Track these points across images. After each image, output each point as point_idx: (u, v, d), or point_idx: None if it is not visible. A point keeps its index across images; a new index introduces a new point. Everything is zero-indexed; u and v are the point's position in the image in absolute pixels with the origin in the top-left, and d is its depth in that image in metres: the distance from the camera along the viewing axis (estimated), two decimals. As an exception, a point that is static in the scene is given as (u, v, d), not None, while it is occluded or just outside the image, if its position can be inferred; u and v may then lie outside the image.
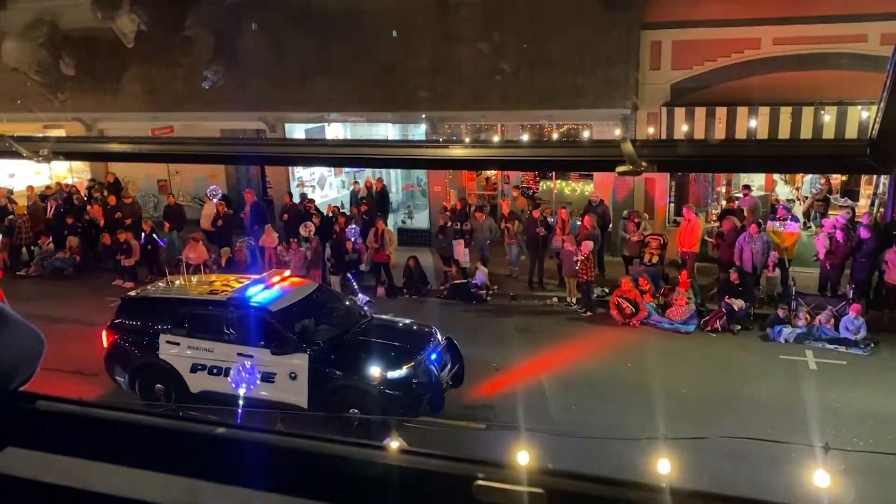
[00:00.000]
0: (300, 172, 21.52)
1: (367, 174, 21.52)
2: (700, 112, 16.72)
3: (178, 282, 13.23)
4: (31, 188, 21.85)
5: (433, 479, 0.96)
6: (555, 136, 19.36)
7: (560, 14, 17.04)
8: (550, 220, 17.55)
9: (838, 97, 15.66)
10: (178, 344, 11.61)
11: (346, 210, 20.09)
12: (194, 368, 11.45)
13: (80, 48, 19.39)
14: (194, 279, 13.37)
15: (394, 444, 1.00)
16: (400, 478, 0.97)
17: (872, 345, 13.51)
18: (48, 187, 22.44)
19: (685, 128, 16.78)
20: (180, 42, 18.44)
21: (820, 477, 6.55)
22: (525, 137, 18.75)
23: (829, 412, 11.11)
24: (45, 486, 0.99)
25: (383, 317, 12.76)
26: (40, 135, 18.12)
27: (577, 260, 15.50)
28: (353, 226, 17.32)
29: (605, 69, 17.02)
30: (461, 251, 17.54)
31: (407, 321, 12.60)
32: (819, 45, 15.80)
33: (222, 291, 12.08)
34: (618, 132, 17.84)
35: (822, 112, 15.63)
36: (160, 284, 13.46)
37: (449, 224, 17.63)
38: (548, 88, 17.27)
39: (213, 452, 1.03)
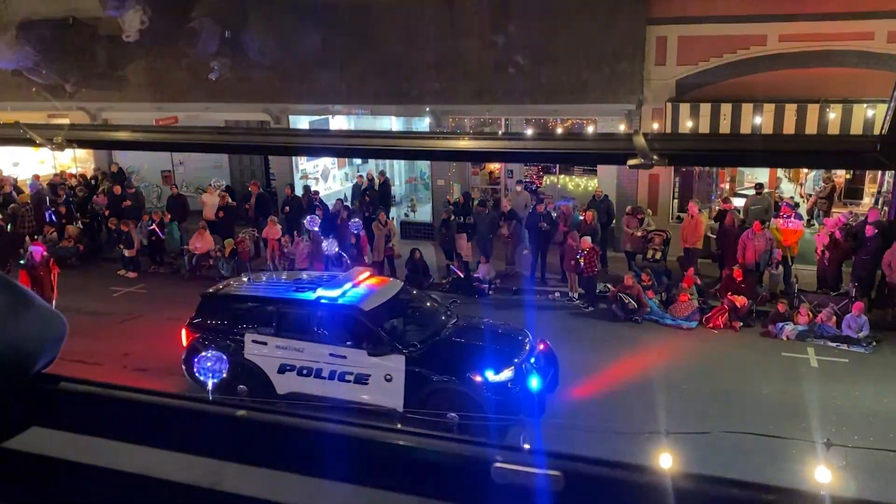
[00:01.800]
0: (304, 164, 21.54)
1: (371, 167, 21.53)
2: (705, 108, 16.71)
3: (255, 278, 12.85)
4: (36, 177, 21.88)
5: (453, 461, 0.98)
6: (559, 130, 19.34)
7: (566, 9, 17.03)
8: (554, 214, 17.56)
9: (844, 95, 15.63)
10: (265, 343, 11.18)
11: (349, 203, 20.12)
12: (282, 369, 11.05)
13: (86, 37, 19.38)
14: (272, 275, 12.96)
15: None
16: (420, 460, 0.99)
17: (874, 343, 13.52)
18: (56, 174, 22.51)
19: (690, 124, 16.76)
20: (186, 33, 18.43)
21: (821, 473, 6.57)
22: (529, 132, 18.73)
23: (830, 409, 11.13)
24: (68, 463, 1.02)
25: (471, 317, 12.33)
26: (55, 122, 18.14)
27: (580, 255, 15.51)
28: (357, 220, 17.33)
29: (611, 64, 17.03)
30: (464, 245, 17.55)
31: (497, 322, 12.20)
32: (825, 43, 15.77)
33: (308, 289, 11.63)
34: (622, 128, 17.84)
35: (828, 110, 15.61)
36: (242, 281, 12.97)
37: (452, 218, 17.64)
38: (553, 83, 17.28)
39: (234, 434, 1.05)
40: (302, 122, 20.90)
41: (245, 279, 12.95)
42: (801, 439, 8.64)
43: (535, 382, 10.36)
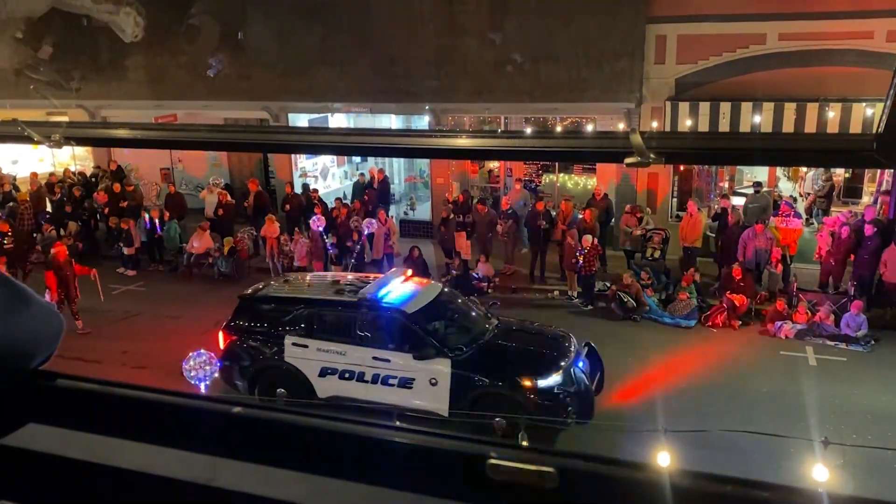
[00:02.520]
0: (303, 163, 21.53)
1: (371, 165, 21.52)
2: (704, 107, 16.71)
3: (294, 279, 12.63)
4: (34, 174, 21.86)
5: (447, 458, 0.98)
6: (558, 129, 19.33)
7: (565, 6, 17.03)
8: (553, 212, 17.57)
9: (843, 94, 15.63)
10: (305, 346, 10.99)
11: (349, 201, 20.11)
12: (323, 372, 10.88)
13: (86, 34, 19.36)
14: (309, 277, 12.76)
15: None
16: (414, 456, 0.99)
17: (873, 342, 13.53)
18: (52, 174, 22.48)
19: (689, 122, 16.76)
20: (185, 30, 18.41)
21: (819, 471, 6.59)
22: (527, 130, 18.72)
23: (828, 408, 11.15)
24: (65, 460, 1.02)
25: (511, 320, 12.10)
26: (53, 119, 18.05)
27: (580, 254, 15.51)
28: (358, 216, 17.32)
29: (610, 63, 17.02)
30: (463, 243, 17.55)
31: (539, 325, 12.05)
32: (824, 42, 15.77)
33: (348, 291, 11.44)
34: (621, 126, 17.83)
35: (827, 109, 15.61)
36: (281, 282, 12.69)
37: (451, 216, 17.63)
38: (552, 81, 17.28)
39: (230, 430, 1.06)
40: (301, 119, 20.89)
41: (284, 280, 12.70)
42: (800, 437, 8.65)
43: (583, 386, 10.21)
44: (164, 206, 19.60)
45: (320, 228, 17.00)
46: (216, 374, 9.99)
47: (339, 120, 21.15)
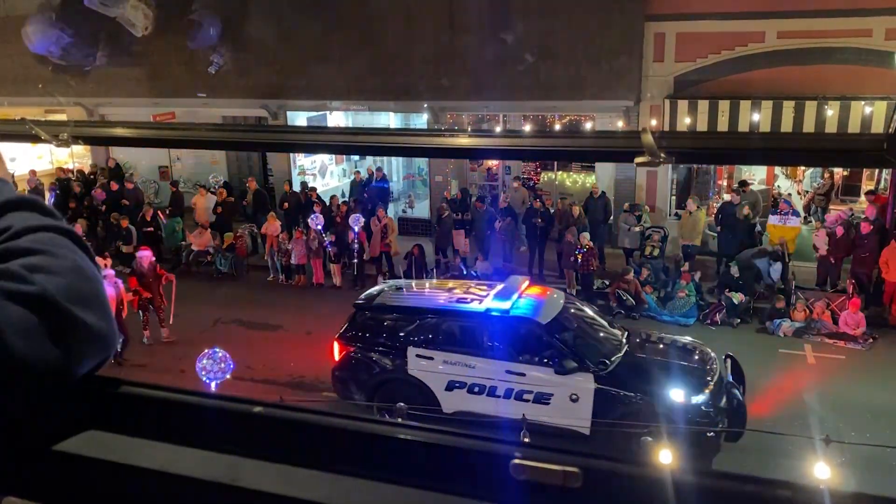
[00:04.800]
0: (301, 161, 21.52)
1: (369, 162, 21.51)
2: (703, 105, 16.71)
3: (406, 286, 12.16)
4: (33, 172, 21.83)
5: (471, 458, 0.98)
6: (557, 127, 19.34)
7: (564, 4, 17.02)
8: (551, 210, 17.58)
9: (842, 92, 15.65)
10: (430, 358, 10.47)
11: (347, 199, 20.11)
12: (451, 386, 10.33)
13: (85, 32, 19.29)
14: (420, 283, 12.44)
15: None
16: (439, 456, 0.99)
17: (871, 340, 13.57)
18: (61, 168, 22.52)
19: (688, 120, 16.77)
20: (185, 26, 18.36)
21: (821, 469, 6.60)
22: (527, 128, 18.72)
23: (827, 406, 11.18)
24: (118, 466, 1.02)
25: (637, 329, 11.63)
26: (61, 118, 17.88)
27: (579, 251, 15.53)
28: (357, 214, 17.31)
29: (609, 61, 17.02)
30: (461, 241, 17.55)
31: (673, 337, 11.54)
32: (823, 40, 15.78)
33: (471, 299, 10.90)
34: (620, 124, 17.84)
35: (826, 107, 15.63)
36: (393, 289, 12.08)
37: (446, 214, 17.62)
38: (551, 79, 17.27)
39: (252, 430, 1.06)
40: (300, 117, 20.87)
41: (396, 287, 12.14)
42: (800, 435, 8.67)
43: (735, 402, 9.75)
44: (168, 204, 19.60)
45: (319, 227, 16.98)
46: (228, 376, 9.80)
47: (337, 118, 21.13)
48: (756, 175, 18.90)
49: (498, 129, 18.66)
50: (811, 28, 15.82)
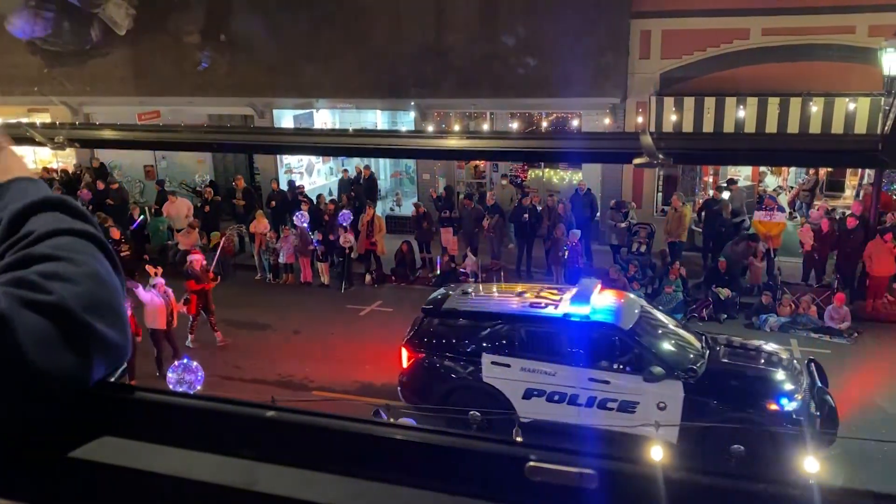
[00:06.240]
0: (288, 159, 21.43)
1: (357, 161, 21.45)
2: (689, 102, 16.80)
3: (473, 290, 11.71)
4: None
5: (487, 460, 0.99)
6: (544, 124, 19.38)
7: (551, 1, 17.04)
8: (539, 208, 17.61)
9: (826, 89, 15.77)
10: (507, 366, 10.15)
11: (335, 197, 20.05)
12: (529, 394, 10.03)
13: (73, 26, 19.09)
14: (492, 287, 12.06)
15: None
16: (455, 459, 1.00)
17: (856, 334, 13.71)
18: (46, 168, 22.29)
19: (674, 118, 16.85)
20: (170, 24, 18.23)
21: (809, 463, 6.67)
22: (514, 126, 18.75)
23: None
24: (131, 471, 1.02)
25: (714, 333, 11.27)
26: (58, 121, 17.55)
27: (567, 247, 15.58)
28: (346, 211, 17.27)
29: (596, 58, 17.05)
30: (449, 239, 17.55)
31: (752, 342, 11.17)
32: (807, 37, 15.90)
33: (546, 304, 10.60)
34: (607, 122, 17.90)
35: (811, 103, 15.75)
36: (459, 293, 11.58)
37: (426, 212, 17.64)
38: (538, 76, 17.27)
39: (269, 434, 1.07)
40: (286, 116, 20.78)
41: (462, 291, 11.69)
42: (788, 430, 8.75)
43: (826, 408, 9.44)
44: (154, 203, 19.46)
45: (305, 224, 16.94)
46: (199, 386, 9.66)
47: (324, 116, 21.06)
48: (742, 172, 19.02)
49: (485, 126, 18.70)
50: (795, 25, 15.94)
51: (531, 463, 0.96)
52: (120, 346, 1.06)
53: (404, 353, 10.79)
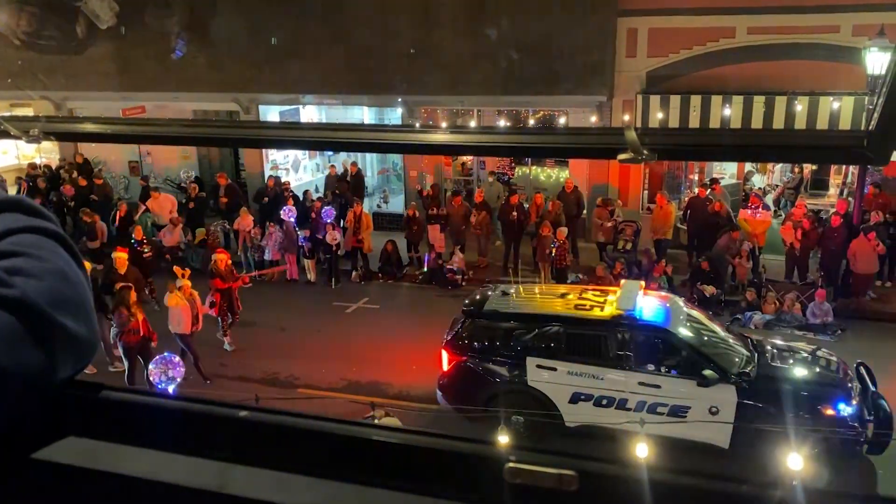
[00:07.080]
0: (274, 155, 21.33)
1: (344, 157, 21.39)
2: (675, 100, 16.85)
3: (512, 292, 11.31)
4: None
5: (465, 462, 0.97)
6: (531, 122, 19.39)
7: (538, -1, 17.06)
8: (526, 205, 17.64)
9: (811, 87, 15.87)
10: (553, 369, 9.93)
11: (322, 194, 19.98)
12: (575, 398, 9.80)
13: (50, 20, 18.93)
14: (534, 288, 11.88)
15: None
16: (431, 460, 0.98)
17: (839, 332, 13.80)
18: (31, 164, 22.09)
19: (660, 115, 16.90)
20: (154, 18, 18.10)
21: (793, 460, 6.71)
22: (502, 123, 18.75)
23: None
24: (95, 472, 1.00)
25: (764, 340, 11.01)
26: (30, 114, 17.53)
27: (554, 246, 15.60)
28: (328, 207, 17.20)
29: (583, 56, 17.07)
30: (436, 236, 17.53)
31: (802, 346, 10.99)
32: (792, 35, 15.99)
33: (591, 306, 10.37)
34: (594, 119, 17.93)
35: (795, 102, 15.84)
36: (499, 294, 11.20)
37: (416, 214, 17.62)
38: (526, 74, 17.27)
39: (240, 435, 1.04)
40: (272, 111, 20.67)
41: (502, 292, 11.27)
42: (773, 428, 8.79)
43: (882, 413, 9.20)
44: (139, 200, 19.30)
45: (292, 218, 16.87)
46: (179, 380, 9.64)
47: (310, 112, 20.97)
48: (727, 170, 19.10)
49: (472, 123, 18.67)
50: (781, 24, 16.02)
51: (510, 464, 0.94)
52: (87, 341, 1.03)
53: (444, 355, 10.53)
